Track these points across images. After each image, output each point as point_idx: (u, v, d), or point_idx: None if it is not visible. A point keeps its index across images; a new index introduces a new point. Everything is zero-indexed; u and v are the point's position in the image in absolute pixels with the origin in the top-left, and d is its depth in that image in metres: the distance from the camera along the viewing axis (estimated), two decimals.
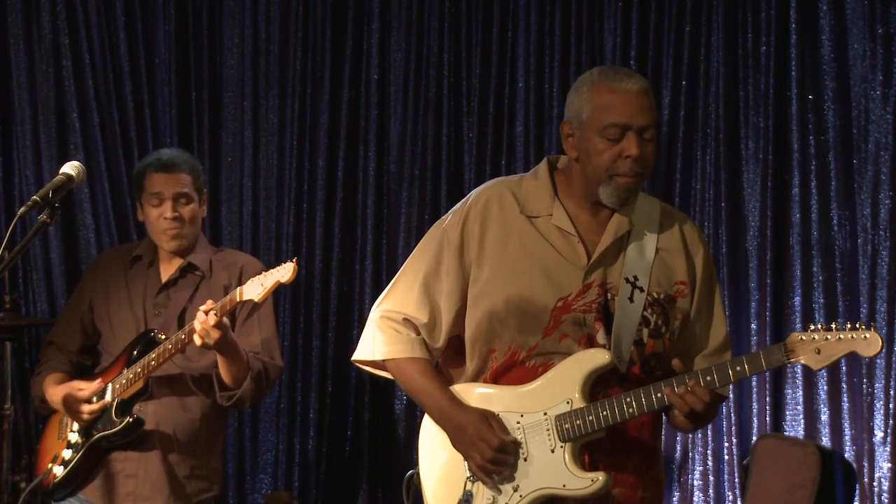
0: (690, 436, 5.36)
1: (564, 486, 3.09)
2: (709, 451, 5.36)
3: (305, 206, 5.77)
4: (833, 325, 2.95)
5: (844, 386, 5.22)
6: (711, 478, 5.35)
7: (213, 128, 5.81)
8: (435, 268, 3.25)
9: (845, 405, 5.23)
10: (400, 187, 5.73)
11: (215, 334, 3.92)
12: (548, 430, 3.11)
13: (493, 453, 3.11)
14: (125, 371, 4.12)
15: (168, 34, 5.74)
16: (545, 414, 3.12)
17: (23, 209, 3.10)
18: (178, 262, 4.31)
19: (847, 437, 5.22)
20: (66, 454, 4.18)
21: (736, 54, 5.42)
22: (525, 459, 3.13)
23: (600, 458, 3.15)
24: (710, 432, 5.35)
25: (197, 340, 3.95)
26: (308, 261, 5.75)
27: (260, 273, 4.06)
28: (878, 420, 5.16)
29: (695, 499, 5.37)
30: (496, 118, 5.65)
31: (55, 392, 4.24)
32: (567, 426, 3.09)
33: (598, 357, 3.11)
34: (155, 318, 4.25)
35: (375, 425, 5.70)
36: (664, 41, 5.49)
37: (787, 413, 5.30)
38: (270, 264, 5.65)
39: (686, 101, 5.46)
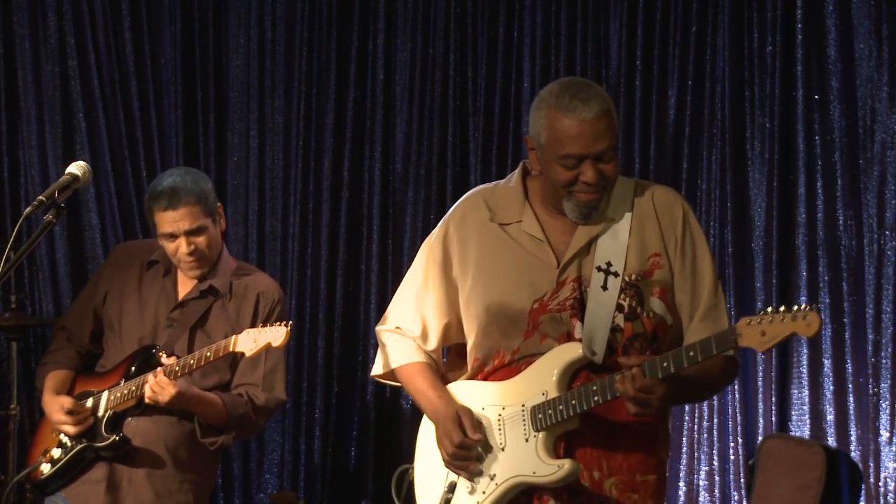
0: (696, 436, 5.36)
1: (534, 472, 3.16)
2: (714, 451, 5.36)
3: (311, 205, 5.78)
4: (781, 308, 2.97)
5: (850, 386, 5.22)
6: (717, 478, 5.35)
7: (219, 128, 5.83)
8: (423, 283, 3.38)
9: (851, 405, 5.22)
10: (405, 187, 5.74)
11: (171, 390, 3.88)
12: (524, 420, 3.19)
13: (453, 449, 3.21)
14: (122, 384, 4.06)
15: (174, 34, 5.75)
16: (523, 406, 3.20)
17: (28, 209, 3.09)
18: (196, 281, 4.18)
19: (853, 438, 5.21)
20: (56, 453, 4.13)
21: (742, 54, 5.41)
22: (503, 449, 3.21)
23: (583, 448, 3.18)
24: (715, 432, 5.35)
25: (147, 394, 3.91)
26: (314, 261, 5.76)
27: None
28: (884, 420, 5.15)
29: (700, 499, 5.36)
30: (502, 118, 5.65)
31: (51, 401, 4.16)
32: (540, 416, 3.16)
33: (570, 351, 3.16)
34: (165, 330, 4.13)
35: (381, 425, 5.70)
36: (670, 41, 5.48)
37: (793, 413, 5.29)
38: (276, 265, 5.76)
39: (692, 101, 5.45)
